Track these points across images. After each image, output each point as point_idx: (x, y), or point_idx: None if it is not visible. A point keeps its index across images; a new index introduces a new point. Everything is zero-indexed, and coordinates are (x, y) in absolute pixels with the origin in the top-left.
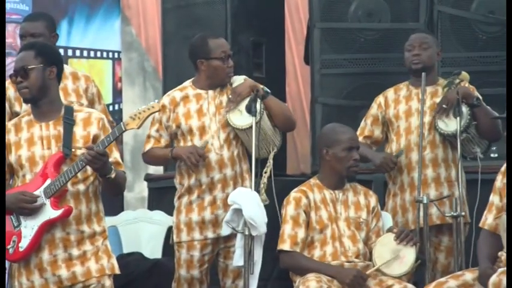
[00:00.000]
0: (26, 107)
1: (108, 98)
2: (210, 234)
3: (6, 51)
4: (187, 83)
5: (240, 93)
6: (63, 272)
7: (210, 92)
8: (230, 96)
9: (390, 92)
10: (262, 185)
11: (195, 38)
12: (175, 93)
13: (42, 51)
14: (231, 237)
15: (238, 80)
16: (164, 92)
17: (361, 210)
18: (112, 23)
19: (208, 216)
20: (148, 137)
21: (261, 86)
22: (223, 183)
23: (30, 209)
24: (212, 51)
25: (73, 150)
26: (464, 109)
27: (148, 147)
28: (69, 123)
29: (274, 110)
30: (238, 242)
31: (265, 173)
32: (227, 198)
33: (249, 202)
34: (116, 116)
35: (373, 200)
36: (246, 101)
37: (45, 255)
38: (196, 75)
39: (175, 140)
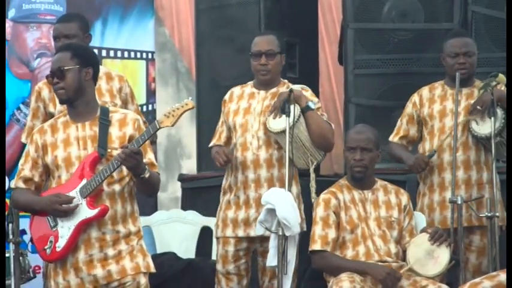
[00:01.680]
0: (60, 107)
1: (141, 98)
2: (240, 233)
3: (40, 51)
4: (251, 81)
5: (285, 99)
6: (99, 271)
7: (262, 92)
8: (275, 100)
9: (425, 91)
10: (313, 200)
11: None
12: (236, 89)
13: (78, 52)
14: (267, 237)
15: (295, 88)
16: (197, 93)
17: (392, 209)
18: (146, 23)
19: (242, 215)
20: (215, 131)
21: (310, 100)
22: (256, 183)
23: (65, 210)
24: (251, 48)
25: (109, 150)
26: (499, 112)
27: (211, 143)
28: (104, 123)
29: (312, 126)
30: (272, 242)
31: (312, 186)
32: (259, 198)
33: (282, 202)
34: (150, 116)
35: (404, 199)
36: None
37: (81, 255)
38: None
39: None
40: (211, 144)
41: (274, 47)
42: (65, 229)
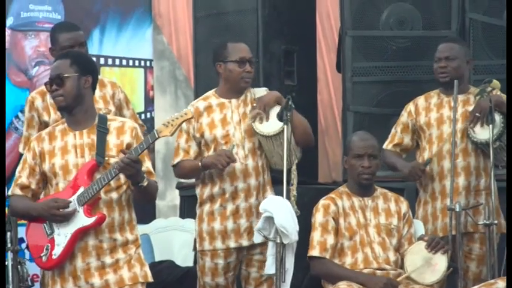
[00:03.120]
0: (54, 116)
1: (140, 106)
2: (232, 244)
3: (39, 59)
4: (211, 92)
5: (268, 103)
6: (96, 280)
7: (234, 100)
8: (254, 105)
9: (421, 100)
10: (292, 198)
11: (217, 44)
12: (199, 103)
13: (77, 60)
14: (254, 245)
15: (260, 91)
16: None
17: (392, 216)
18: (144, 31)
19: (230, 225)
20: (177, 149)
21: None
22: (246, 192)
23: (62, 215)
24: (229, 55)
25: (106, 158)
26: (497, 117)
27: (177, 159)
28: (102, 131)
29: (296, 123)
30: (270, 250)
31: (292, 185)
32: (250, 208)
33: (280, 210)
34: (148, 124)
35: (404, 206)
36: (272, 110)
37: (79, 263)
38: (220, 83)
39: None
40: (176, 161)
41: (252, 55)
42: (62, 237)
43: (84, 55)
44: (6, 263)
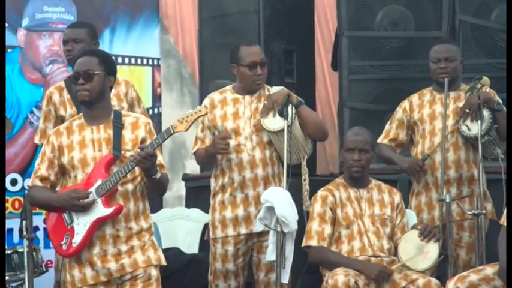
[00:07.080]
0: (70, 111)
1: (148, 102)
2: (242, 230)
3: (52, 58)
4: (228, 87)
5: (276, 100)
6: (112, 265)
7: (247, 97)
8: (265, 102)
9: (415, 97)
10: (305, 193)
11: (233, 44)
12: (215, 95)
13: (104, 59)
14: (264, 232)
15: (276, 89)
16: (200, 97)
17: (386, 207)
18: (151, 31)
19: (241, 213)
20: (196, 138)
21: (295, 96)
22: (254, 182)
23: (83, 205)
24: (241, 58)
25: (122, 152)
26: (486, 113)
27: (195, 148)
28: (118, 126)
29: (306, 118)
30: (271, 238)
31: (304, 180)
32: (258, 196)
33: (281, 201)
34: (156, 119)
35: (397, 198)
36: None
37: (96, 250)
38: (236, 80)
39: None
40: (194, 150)
41: (264, 56)
42: (81, 226)
43: (109, 56)
44: (21, 249)
